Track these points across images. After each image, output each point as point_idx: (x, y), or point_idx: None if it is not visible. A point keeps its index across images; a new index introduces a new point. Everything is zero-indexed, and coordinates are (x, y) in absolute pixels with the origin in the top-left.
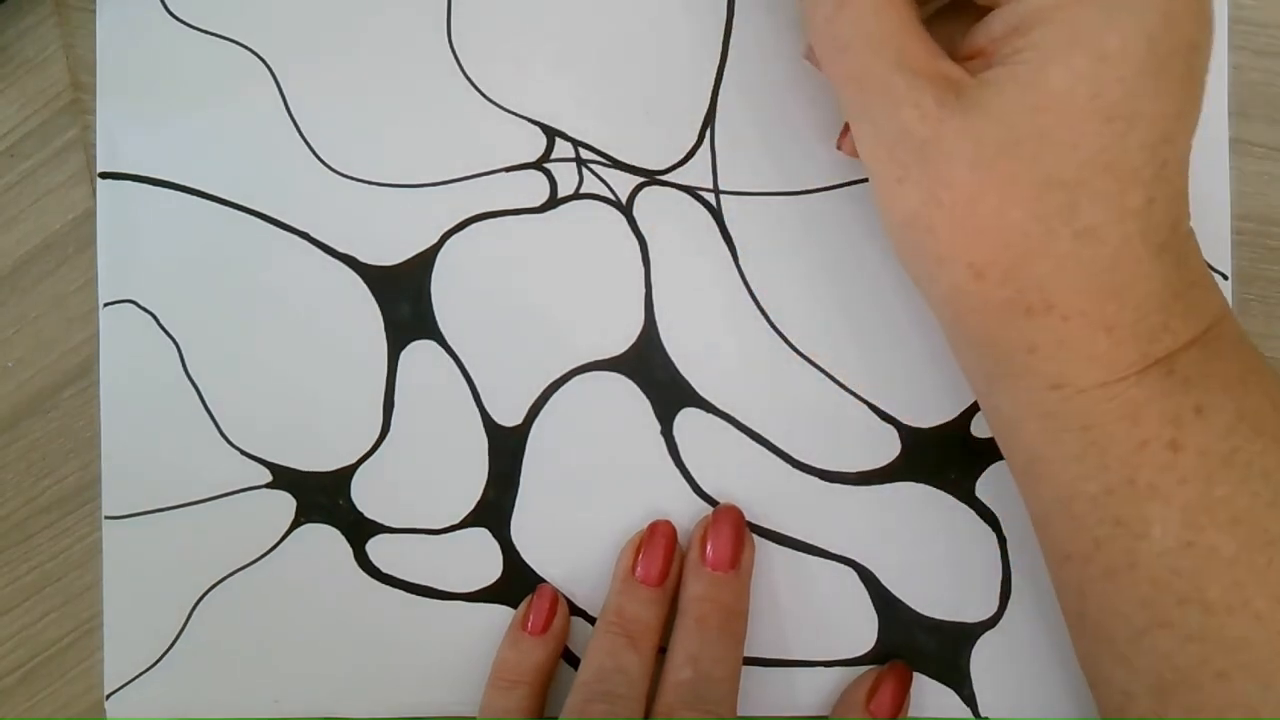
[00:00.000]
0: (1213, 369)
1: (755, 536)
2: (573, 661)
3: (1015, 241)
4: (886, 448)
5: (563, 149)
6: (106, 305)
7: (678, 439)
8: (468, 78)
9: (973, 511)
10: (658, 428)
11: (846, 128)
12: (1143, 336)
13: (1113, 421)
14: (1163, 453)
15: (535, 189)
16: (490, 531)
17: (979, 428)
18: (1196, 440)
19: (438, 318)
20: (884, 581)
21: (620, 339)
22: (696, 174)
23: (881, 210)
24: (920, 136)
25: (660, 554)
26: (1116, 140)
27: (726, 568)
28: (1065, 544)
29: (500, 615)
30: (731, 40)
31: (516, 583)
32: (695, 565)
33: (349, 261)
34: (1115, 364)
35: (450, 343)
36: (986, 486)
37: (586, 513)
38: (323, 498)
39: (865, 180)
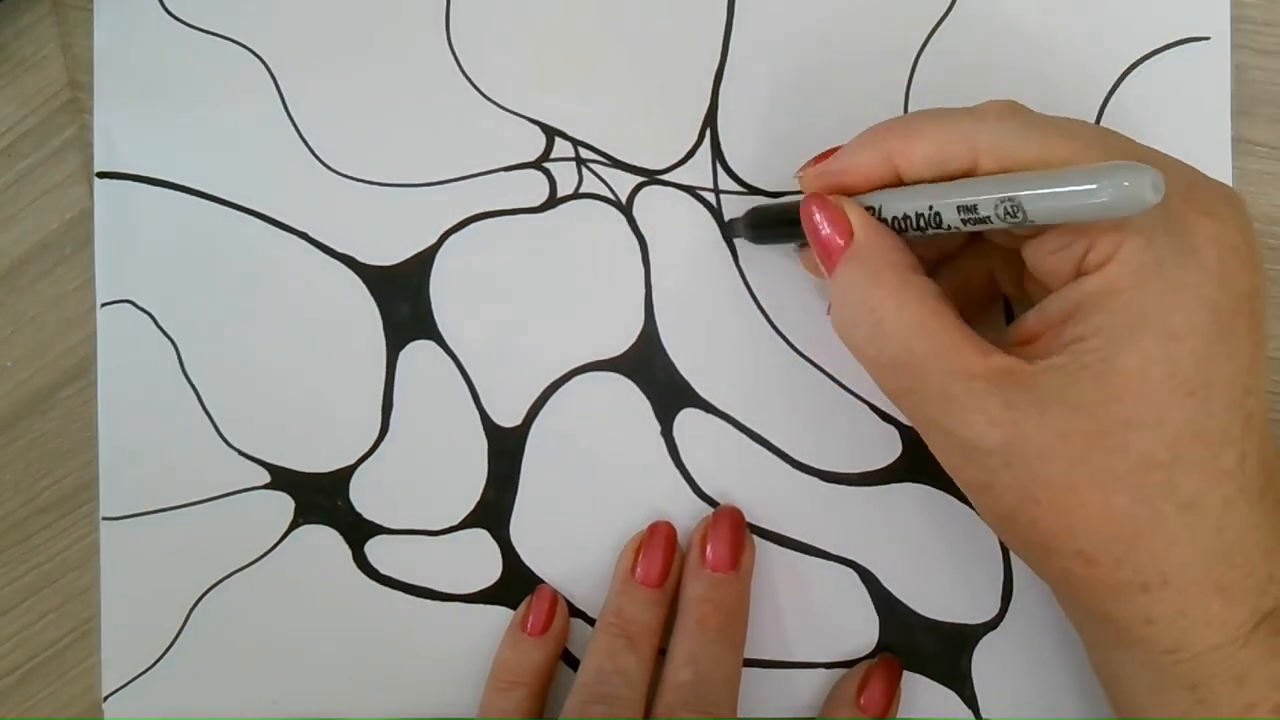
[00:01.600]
0: None
1: (755, 537)
2: (572, 663)
3: (1124, 527)
4: (887, 448)
5: (562, 148)
6: (104, 305)
7: (678, 439)
8: (467, 77)
9: (974, 512)
10: (658, 428)
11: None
12: (1253, 590)
13: (1221, 684)
14: (1269, 716)
15: (535, 189)
16: (489, 532)
17: None
18: None
19: (437, 318)
20: (885, 583)
21: (620, 339)
22: (696, 174)
23: (975, 508)
24: (996, 441)
25: (660, 555)
26: (1201, 409)
27: (726, 569)
28: None
29: (499, 616)
30: (731, 40)
31: (516, 584)
32: (695, 566)
33: (348, 261)
34: (1228, 624)
35: (449, 343)
36: None
37: (586, 513)
38: (321, 498)
39: None
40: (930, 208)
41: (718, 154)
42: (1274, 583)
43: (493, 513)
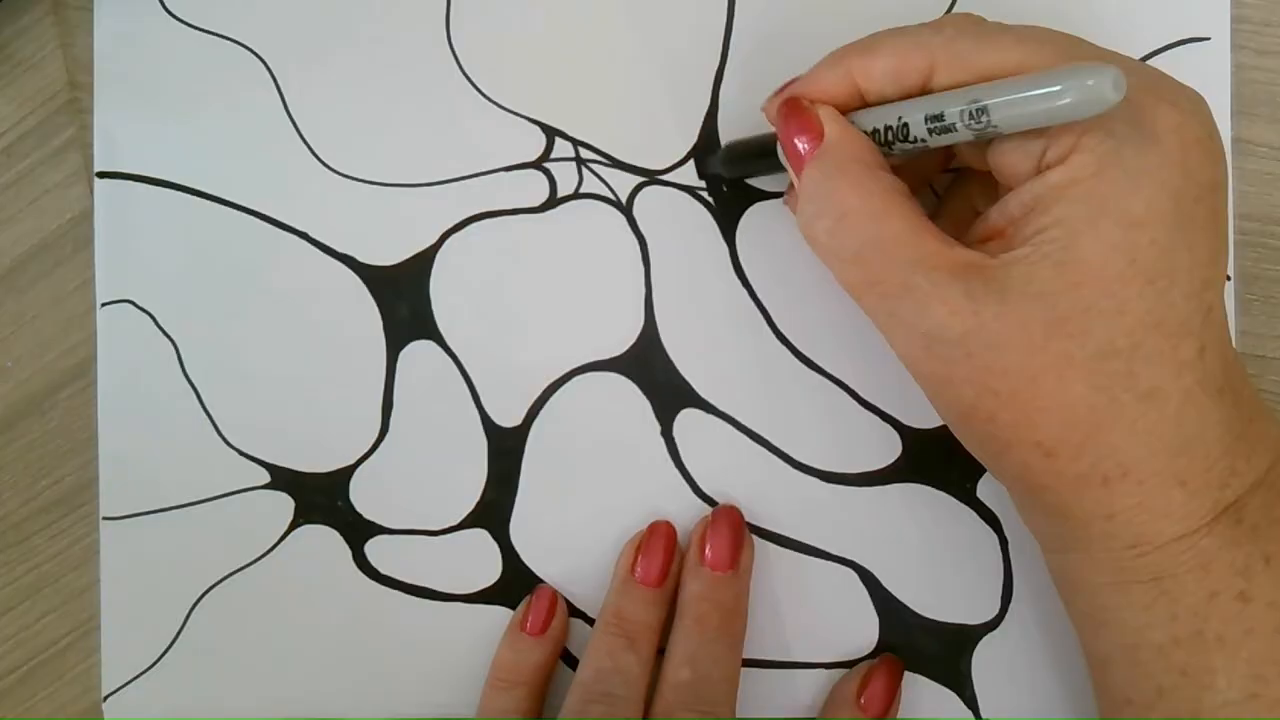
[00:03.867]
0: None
1: (755, 538)
2: (571, 662)
3: (1082, 417)
4: (887, 449)
5: (562, 148)
6: (104, 305)
7: (678, 439)
8: (467, 77)
9: (974, 513)
10: (658, 428)
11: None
12: (1213, 484)
13: (1184, 573)
14: (1231, 604)
15: (535, 189)
16: (489, 532)
17: None
18: (1265, 592)
19: (437, 318)
20: (885, 583)
21: (620, 339)
22: (696, 174)
23: (935, 405)
24: (957, 331)
25: (660, 555)
26: (1161, 298)
27: (725, 568)
28: (1126, 689)
29: (499, 616)
30: (731, 40)
31: (516, 584)
32: (694, 565)
33: (348, 261)
34: (1190, 517)
35: (449, 343)
36: (988, 488)
37: (586, 513)
38: (321, 498)
39: None
40: (899, 119)
41: (717, 154)
42: (1235, 475)
43: (493, 513)
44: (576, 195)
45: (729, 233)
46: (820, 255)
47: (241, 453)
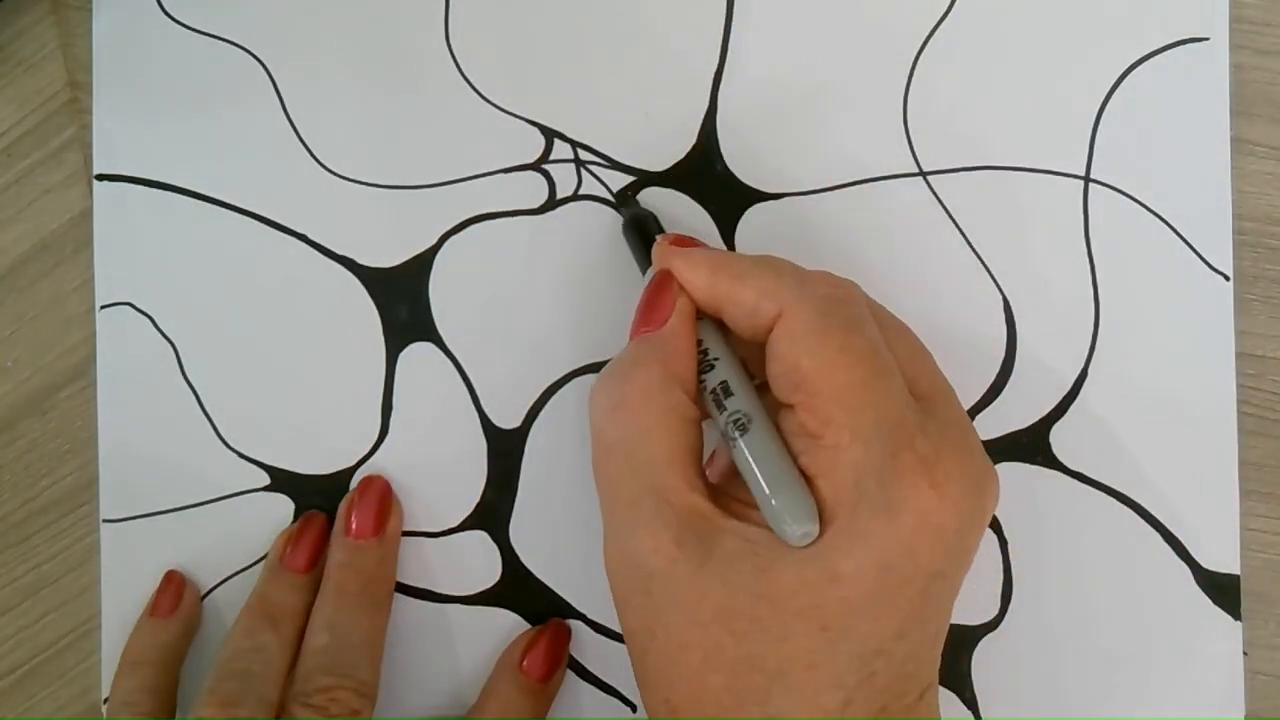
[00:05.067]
0: None
1: None
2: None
3: (709, 703)
4: None
5: (561, 150)
6: (104, 308)
7: None
8: (466, 79)
9: None
10: None
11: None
12: None
13: None
14: None
15: (534, 190)
16: (489, 534)
17: (981, 429)
18: None
19: (436, 319)
20: None
21: (620, 340)
22: (695, 175)
23: (616, 608)
24: (650, 567)
25: (309, 542)
26: (825, 646)
27: (369, 536)
28: None
29: (499, 618)
30: (731, 40)
31: (515, 586)
32: (338, 536)
33: (347, 263)
34: None
35: (449, 345)
36: None
37: (586, 515)
38: (321, 500)
39: (864, 181)
40: (707, 362)
41: (716, 155)
42: None
43: (492, 514)
44: (575, 197)
45: (728, 233)
46: (590, 417)
47: (241, 455)
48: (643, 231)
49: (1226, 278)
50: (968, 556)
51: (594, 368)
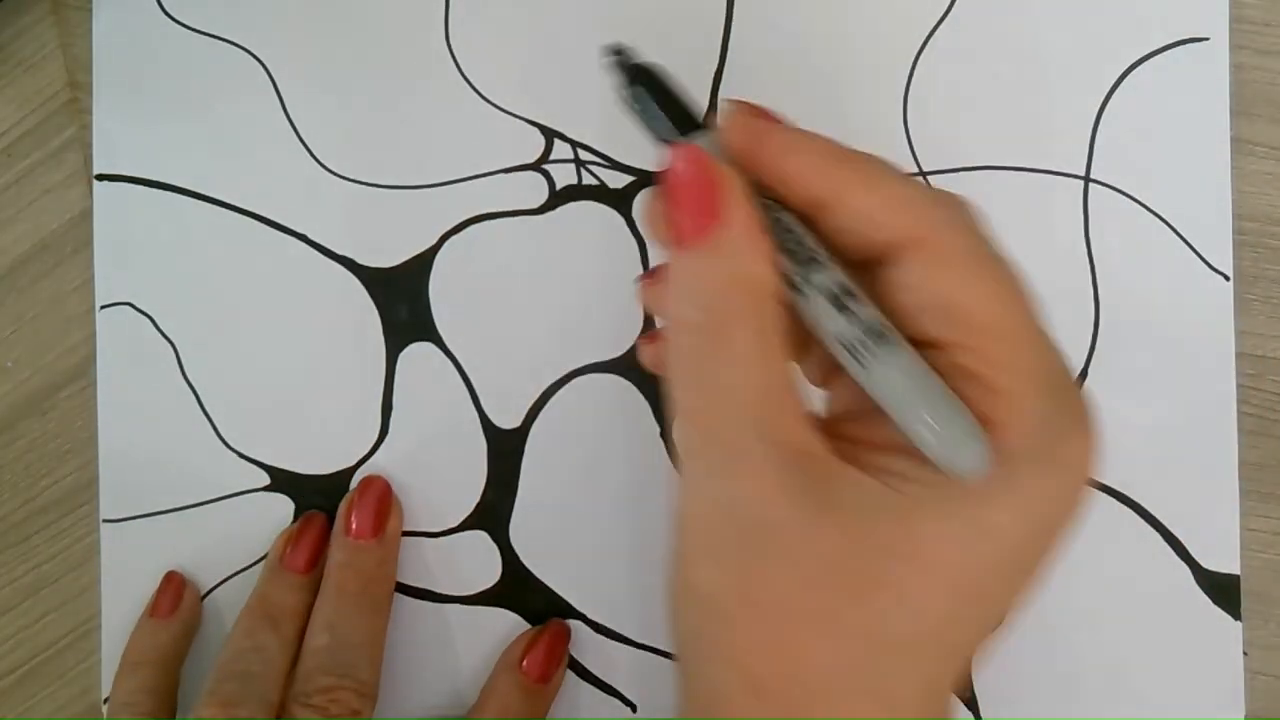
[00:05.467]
0: None
1: None
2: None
3: (812, 681)
4: None
5: (561, 150)
6: (104, 308)
7: None
8: (466, 79)
9: None
10: (657, 429)
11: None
12: None
13: None
14: None
15: (534, 190)
16: (489, 534)
17: None
18: None
19: (436, 320)
20: None
21: (620, 340)
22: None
23: (676, 573)
24: (752, 516)
25: (309, 542)
26: (954, 618)
27: (369, 536)
28: None
29: (499, 618)
30: (731, 40)
31: (516, 586)
32: (339, 536)
33: (347, 263)
34: None
35: (449, 345)
36: None
37: (586, 515)
38: (321, 500)
39: None
40: (839, 284)
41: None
42: None
43: (492, 514)
44: (575, 196)
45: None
46: (670, 375)
47: (241, 455)
48: (662, 90)
49: (1226, 278)
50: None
51: (594, 368)
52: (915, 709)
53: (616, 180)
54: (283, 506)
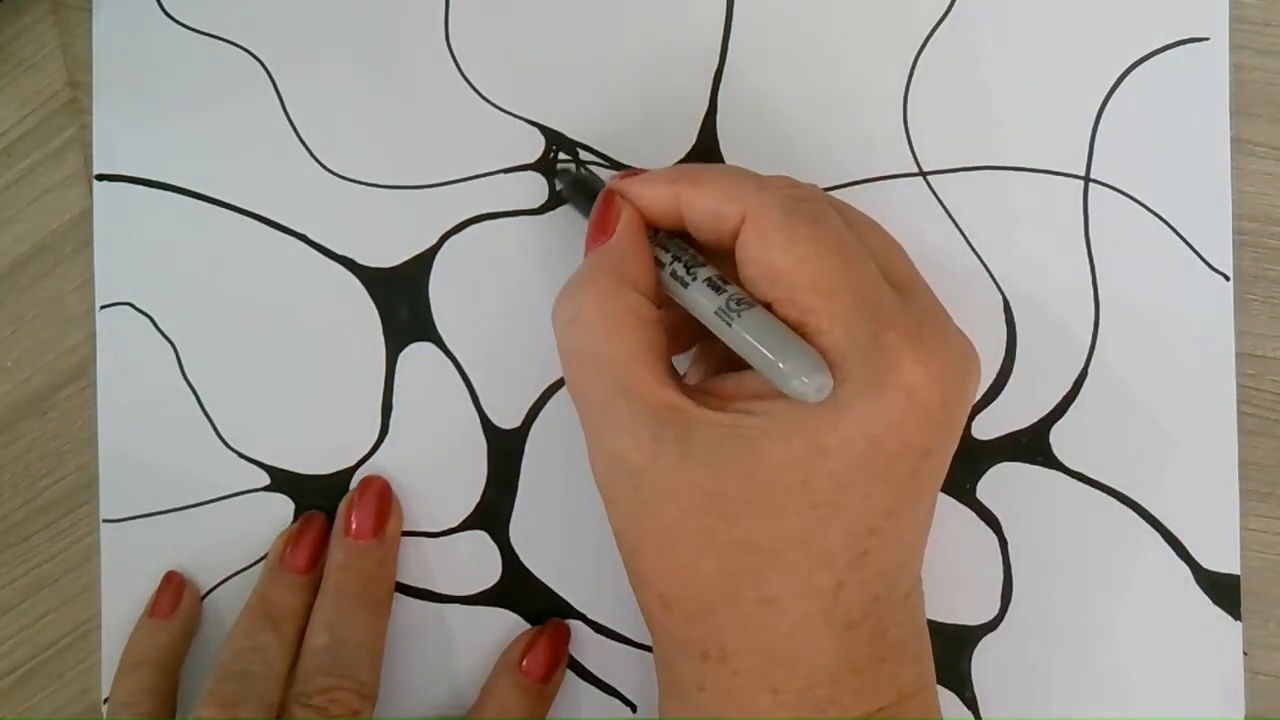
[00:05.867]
0: None
1: None
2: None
3: (703, 591)
4: None
5: (562, 150)
6: (103, 308)
7: None
8: (466, 79)
9: (973, 513)
10: None
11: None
12: (808, 704)
13: None
14: None
15: (534, 190)
16: (489, 534)
17: (980, 429)
18: None
19: (436, 320)
20: None
21: None
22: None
23: (606, 512)
24: (633, 464)
25: (309, 542)
26: (816, 525)
27: (368, 536)
28: None
29: (499, 618)
30: (731, 40)
31: (515, 585)
32: (338, 536)
33: (347, 263)
34: None
35: (449, 345)
36: (988, 488)
37: (586, 514)
38: (321, 500)
39: (867, 179)
40: (675, 264)
41: (716, 156)
42: (835, 705)
43: (492, 514)
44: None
45: (551, 176)
46: (556, 340)
47: (241, 455)
48: (589, 191)
49: (1226, 278)
50: (954, 434)
51: None
52: (796, 607)
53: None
54: (282, 506)
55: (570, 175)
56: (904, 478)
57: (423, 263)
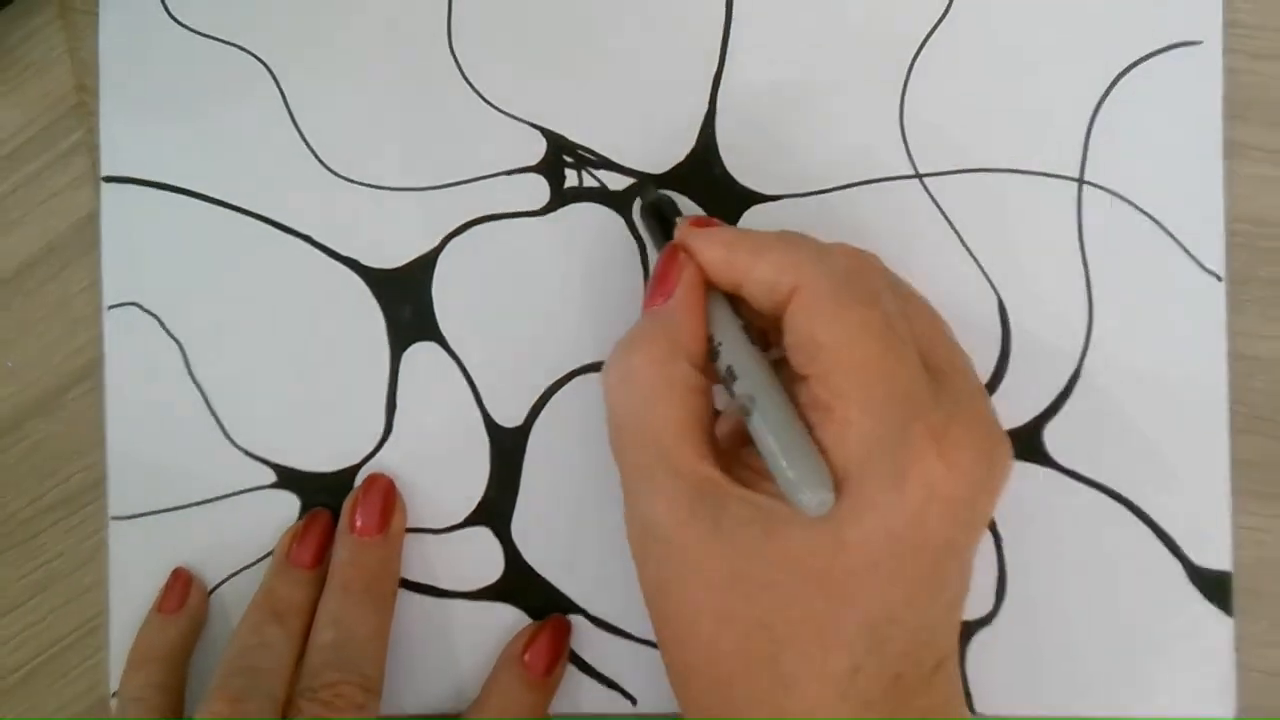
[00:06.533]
0: None
1: None
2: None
3: (722, 664)
4: None
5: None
6: (111, 308)
7: None
8: (468, 82)
9: None
10: None
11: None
12: None
13: None
14: None
15: (536, 192)
16: (492, 531)
17: None
18: None
19: (439, 320)
20: None
21: (619, 339)
22: (695, 177)
23: (636, 569)
24: (664, 532)
25: (314, 538)
26: (832, 612)
27: (374, 533)
28: None
29: (502, 614)
30: (731, 40)
31: (518, 582)
32: (343, 533)
33: (351, 264)
34: None
35: (452, 344)
36: None
37: (588, 512)
38: (326, 497)
39: (864, 182)
40: (718, 344)
41: (715, 158)
42: None
43: (495, 511)
44: (577, 198)
45: (640, 194)
46: (603, 391)
47: (248, 453)
48: (661, 216)
49: (1219, 278)
50: (979, 525)
51: (595, 367)
52: (811, 688)
53: (617, 182)
54: (288, 504)
55: (651, 196)
56: (924, 570)
57: (426, 264)
